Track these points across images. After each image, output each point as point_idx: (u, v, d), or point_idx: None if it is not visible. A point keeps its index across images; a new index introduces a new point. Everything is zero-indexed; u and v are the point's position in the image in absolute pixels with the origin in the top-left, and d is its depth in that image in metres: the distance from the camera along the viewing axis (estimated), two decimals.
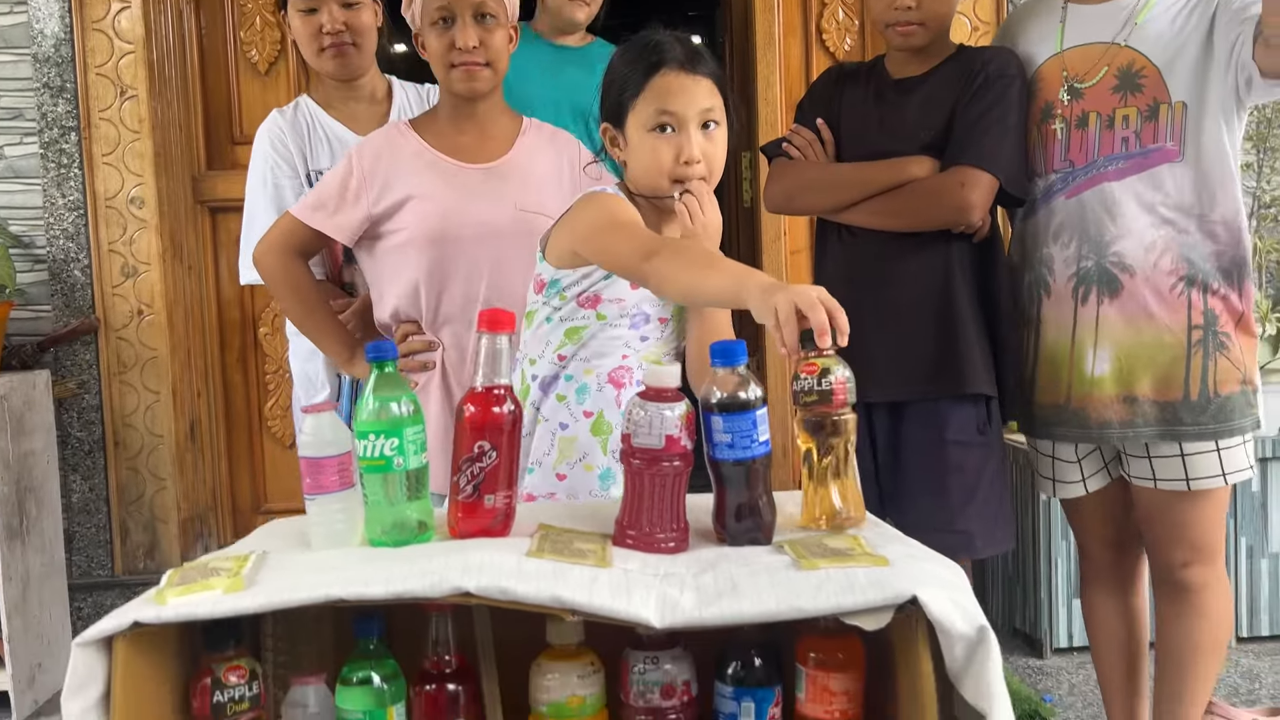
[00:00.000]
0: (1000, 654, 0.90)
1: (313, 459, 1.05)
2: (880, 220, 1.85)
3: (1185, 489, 1.75)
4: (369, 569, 0.94)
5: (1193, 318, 1.74)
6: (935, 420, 1.82)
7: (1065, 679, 2.66)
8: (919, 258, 1.83)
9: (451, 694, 1.04)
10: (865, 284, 1.85)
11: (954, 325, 1.81)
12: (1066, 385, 1.81)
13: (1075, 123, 1.77)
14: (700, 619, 0.91)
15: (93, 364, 2.97)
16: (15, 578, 2.65)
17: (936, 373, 1.81)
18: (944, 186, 1.78)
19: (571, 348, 1.52)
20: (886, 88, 1.91)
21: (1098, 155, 1.76)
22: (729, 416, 1.06)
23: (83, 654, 0.89)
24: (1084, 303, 1.78)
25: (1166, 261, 1.73)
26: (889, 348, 1.83)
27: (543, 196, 1.80)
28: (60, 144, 2.93)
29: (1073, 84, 1.77)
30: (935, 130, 1.82)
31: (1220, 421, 1.74)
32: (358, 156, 1.79)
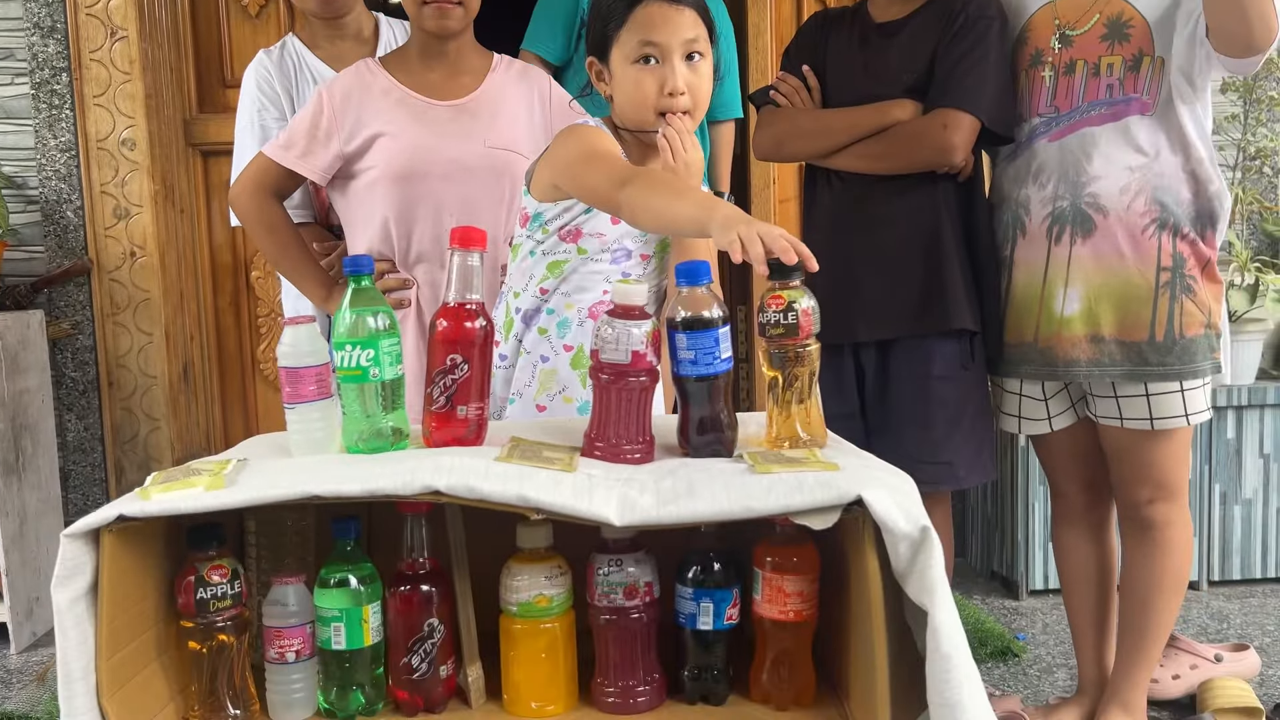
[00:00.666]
0: (942, 554, 0.95)
1: (291, 369, 1.10)
2: (866, 164, 1.87)
3: (1149, 428, 1.79)
4: (345, 470, 0.99)
5: (1161, 260, 1.77)
6: (921, 356, 1.86)
7: (1039, 619, 2.73)
8: (905, 199, 1.86)
9: (425, 594, 1.08)
10: (853, 227, 1.90)
11: (940, 264, 1.85)
12: (1035, 324, 1.85)
13: (1063, 69, 1.80)
14: (658, 518, 0.96)
15: (86, 305, 3.00)
16: (12, 513, 2.71)
17: (923, 310, 1.85)
18: (926, 129, 1.81)
19: (553, 281, 1.55)
20: (870, 32, 1.92)
21: (1081, 101, 1.79)
22: (693, 334, 1.10)
23: (71, 545, 0.94)
24: (1057, 242, 1.81)
25: (1140, 203, 1.76)
26: (877, 288, 1.87)
27: (513, 133, 1.82)
28: (51, 85, 2.93)
29: (1064, 31, 1.79)
30: (918, 73, 1.84)
31: (1184, 363, 1.78)
32: (328, 95, 1.79)
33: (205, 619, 1.05)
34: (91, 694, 0.94)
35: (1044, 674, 2.39)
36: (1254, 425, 2.82)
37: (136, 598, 1.01)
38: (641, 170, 1.42)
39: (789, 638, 1.09)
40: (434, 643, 1.09)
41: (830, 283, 1.91)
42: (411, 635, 1.08)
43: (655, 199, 1.27)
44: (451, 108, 1.81)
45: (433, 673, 1.09)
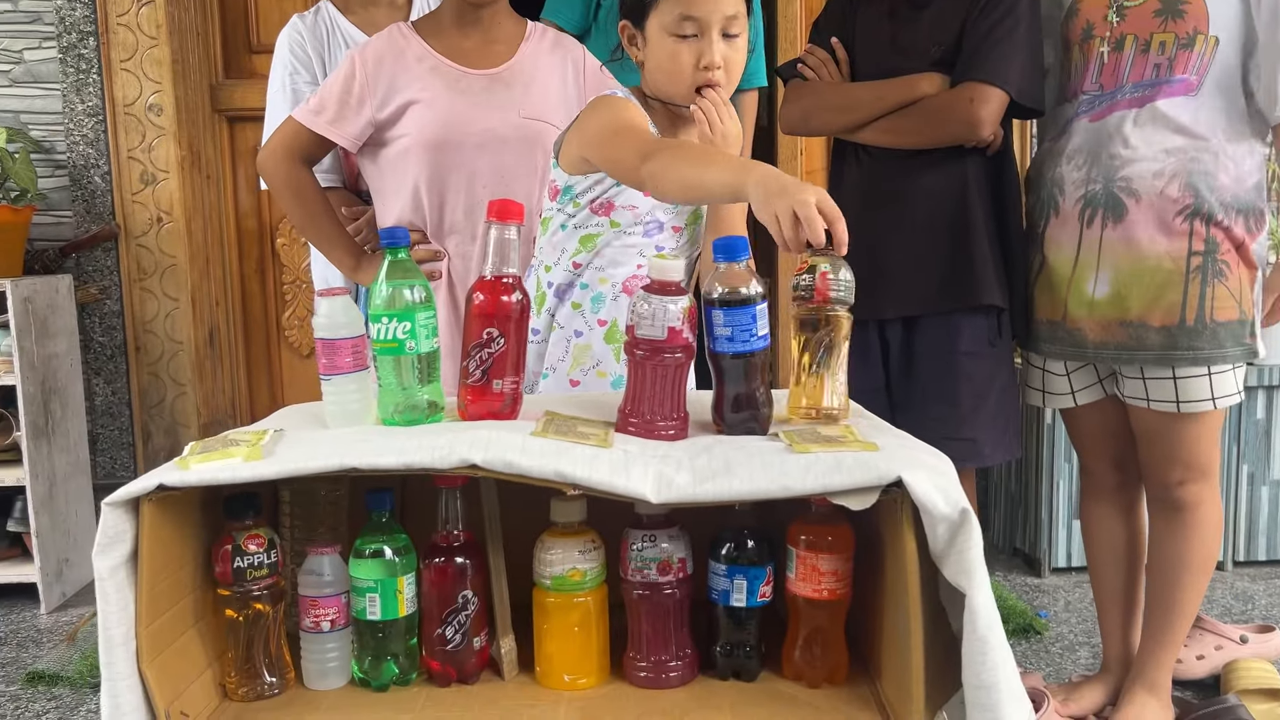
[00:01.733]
0: (981, 536, 0.94)
1: (328, 340, 1.10)
2: (893, 138, 1.86)
3: (1176, 411, 1.78)
4: (382, 442, 0.99)
5: (1193, 244, 1.74)
6: (948, 332, 1.85)
7: (1061, 596, 2.72)
8: (933, 174, 1.84)
9: (459, 566, 1.09)
10: (881, 202, 1.88)
11: (968, 239, 1.83)
12: (1064, 304, 1.84)
13: (1112, 45, 1.75)
14: (694, 496, 0.96)
15: (113, 270, 3.02)
16: (42, 475, 2.74)
17: (949, 286, 1.84)
18: (953, 102, 1.79)
19: (586, 255, 1.54)
20: (900, 4, 1.90)
21: (1126, 80, 1.74)
22: (729, 311, 1.09)
23: (112, 514, 0.94)
24: (1089, 225, 1.79)
25: (1174, 189, 1.73)
26: (904, 264, 1.86)
27: (546, 104, 1.80)
28: (79, 49, 2.93)
29: (1122, 3, 1.74)
30: (946, 46, 1.82)
31: (1214, 347, 1.75)
32: (360, 60, 1.77)
33: (242, 587, 1.06)
34: (132, 660, 0.95)
35: (1066, 652, 2.39)
36: None
37: (174, 566, 1.02)
38: (668, 141, 1.41)
39: (822, 616, 1.09)
40: (468, 614, 1.09)
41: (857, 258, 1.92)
42: (445, 607, 1.09)
43: (684, 168, 1.26)
44: (486, 76, 1.79)
45: (466, 644, 1.10)
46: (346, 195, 2.06)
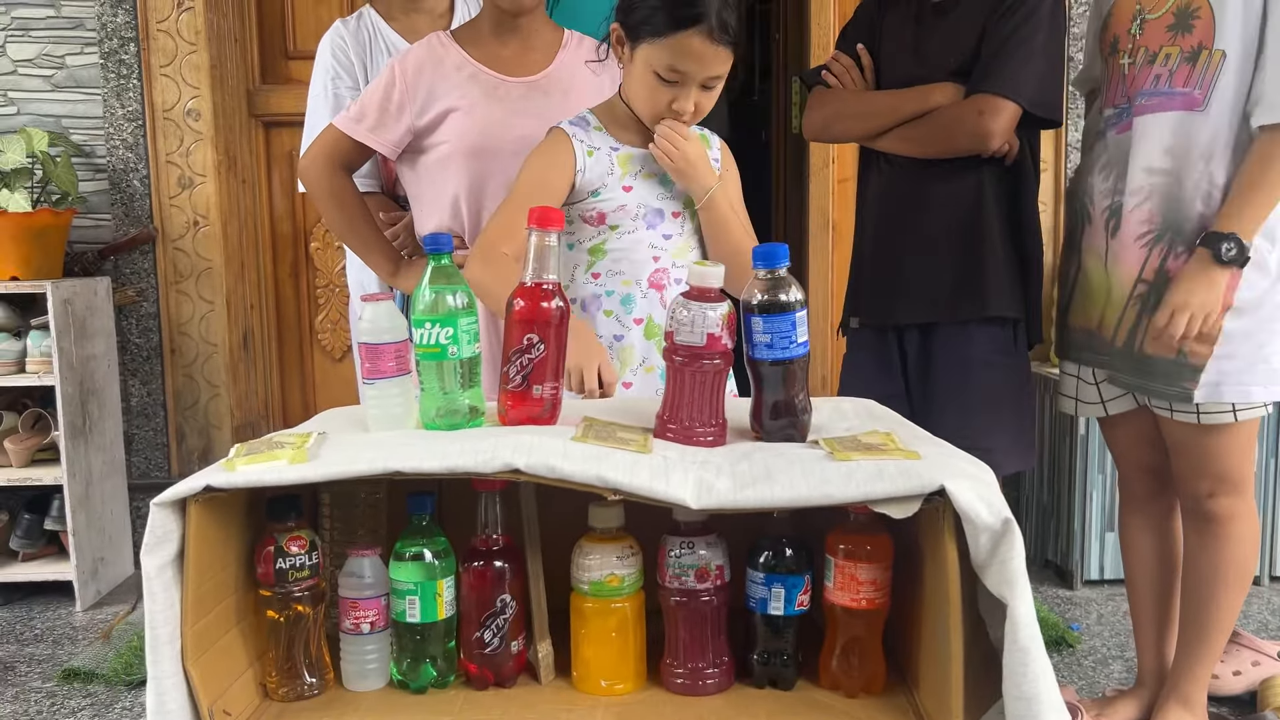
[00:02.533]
0: (1023, 547, 0.94)
1: (371, 345, 1.11)
2: (908, 147, 1.88)
3: (1196, 421, 1.76)
4: (425, 446, 0.99)
5: (1144, 272, 1.73)
6: (962, 340, 1.87)
7: (1094, 609, 2.70)
8: (950, 184, 1.86)
9: (498, 570, 1.09)
10: (900, 209, 1.90)
11: (982, 250, 1.85)
12: (1100, 313, 1.83)
13: (1132, 58, 1.76)
14: (735, 502, 0.96)
15: (150, 273, 3.06)
16: (79, 474, 2.78)
17: (964, 296, 1.86)
18: (963, 114, 1.80)
19: (602, 264, 1.59)
20: (925, 11, 1.91)
21: (1132, 89, 1.75)
22: (769, 318, 1.10)
23: (160, 514, 0.96)
24: (1113, 236, 1.79)
25: (1142, 212, 1.72)
26: (918, 272, 1.88)
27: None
28: (119, 54, 2.98)
29: (1144, 16, 1.74)
30: (964, 55, 1.83)
31: (1139, 377, 1.75)
32: (400, 68, 1.78)
33: (283, 589, 1.07)
34: (177, 658, 0.96)
35: (1099, 665, 2.37)
36: None
37: (218, 566, 1.03)
38: (498, 257, 1.52)
39: (860, 625, 1.08)
40: (506, 618, 1.10)
41: (876, 264, 1.94)
42: (484, 610, 1.09)
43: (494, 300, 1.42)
44: (523, 84, 1.80)
45: (504, 648, 1.10)
46: (384, 200, 2.08)
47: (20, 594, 2.87)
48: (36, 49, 2.98)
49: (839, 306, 2.27)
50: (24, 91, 3.00)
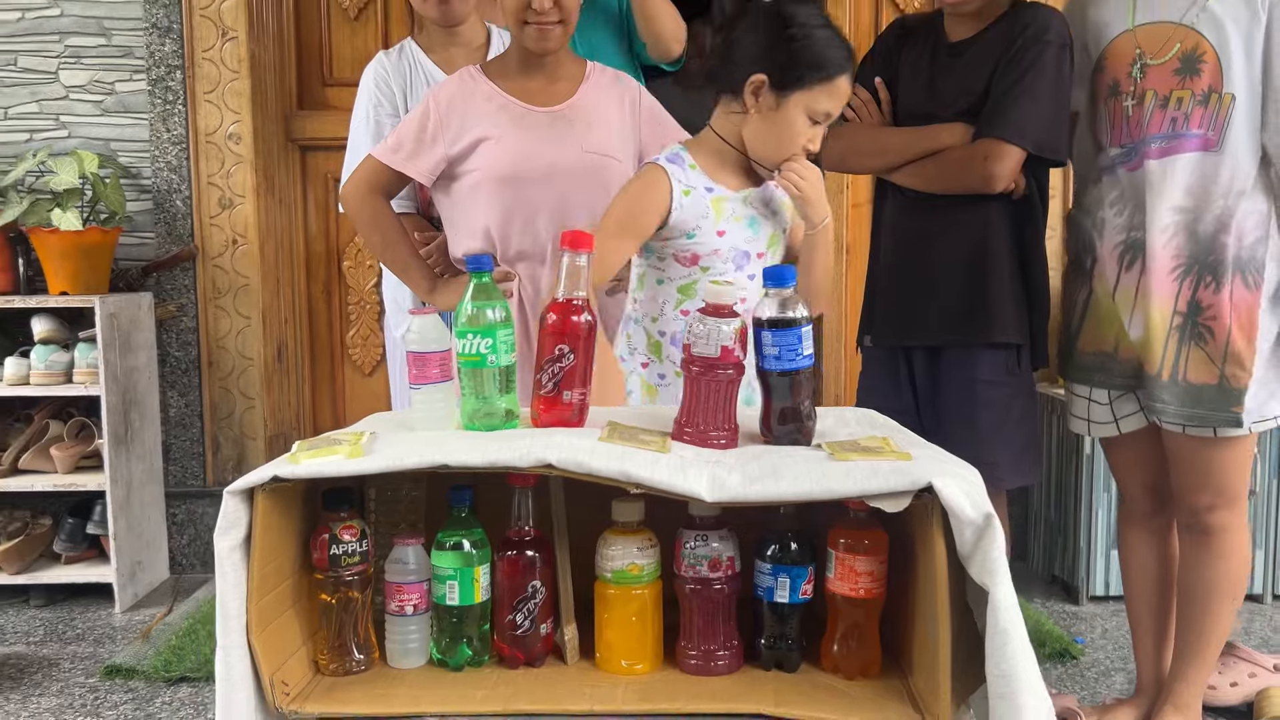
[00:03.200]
0: (1003, 539, 1.04)
1: (419, 353, 1.23)
2: (920, 183, 1.96)
3: (1212, 435, 1.84)
4: (468, 443, 1.11)
5: (1178, 304, 1.82)
6: (968, 363, 1.94)
7: (1099, 624, 2.77)
8: (957, 214, 1.93)
9: (529, 559, 1.20)
10: (911, 238, 1.99)
11: (988, 278, 1.92)
12: (1115, 338, 1.91)
13: (1136, 100, 1.84)
14: (745, 495, 1.07)
15: (191, 289, 3.19)
16: (120, 480, 2.91)
17: (970, 321, 1.93)
18: (970, 158, 1.87)
19: (691, 302, 1.68)
20: (940, 49, 1.98)
21: (1147, 133, 1.82)
22: (777, 332, 1.21)
23: (231, 501, 1.07)
24: (1127, 269, 1.88)
25: (1173, 247, 1.81)
26: (928, 297, 1.97)
27: (608, 139, 1.92)
28: (166, 81, 3.13)
29: (1145, 61, 1.83)
30: (974, 95, 1.90)
31: (1188, 406, 1.83)
32: (434, 100, 1.89)
33: (336, 573, 1.18)
34: (243, 631, 1.07)
35: (1101, 677, 2.44)
36: None
37: (279, 550, 1.14)
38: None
39: (858, 613, 1.18)
40: (536, 603, 1.20)
41: (888, 288, 2.04)
42: (516, 595, 1.20)
43: None
44: (550, 114, 1.91)
45: (533, 630, 1.21)
46: (419, 221, 2.19)
47: (62, 595, 3.00)
48: (88, 75, 3.14)
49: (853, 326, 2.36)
50: (75, 116, 3.15)
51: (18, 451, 2.95)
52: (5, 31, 3.12)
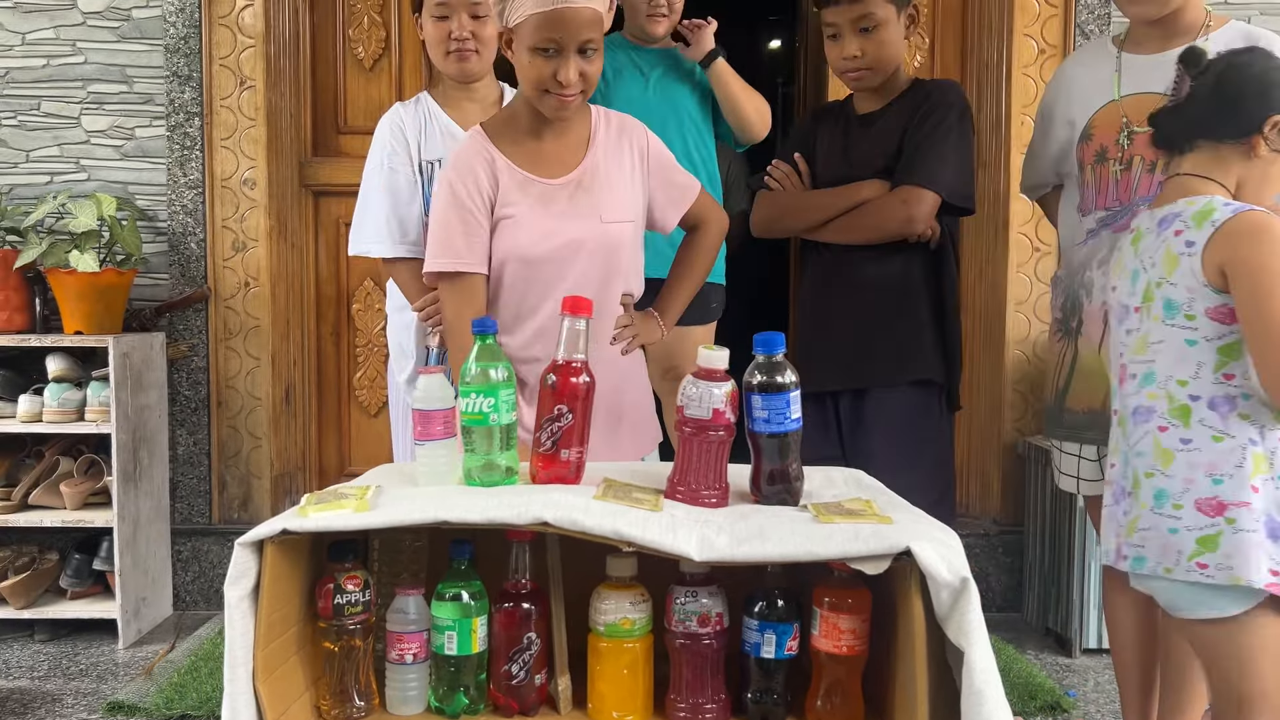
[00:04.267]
0: (979, 601, 1.08)
1: (425, 411, 1.28)
2: (843, 236, 2.12)
3: None
4: (468, 500, 1.16)
5: None
6: (888, 405, 2.09)
7: (1091, 677, 2.79)
8: (878, 265, 2.10)
9: (526, 611, 1.25)
10: (834, 290, 2.16)
11: (907, 321, 2.08)
12: (1104, 394, 1.94)
13: (1124, 165, 1.93)
14: (733, 556, 1.12)
15: (202, 329, 3.26)
16: (128, 518, 2.95)
17: (893, 361, 2.09)
18: (889, 204, 2.06)
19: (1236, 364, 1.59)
20: (851, 123, 2.19)
21: (1135, 195, 1.91)
22: (767, 396, 1.26)
23: (242, 552, 1.12)
24: None
25: None
26: (850, 343, 2.11)
27: (624, 202, 1.86)
28: (185, 128, 3.22)
29: (1131, 129, 1.92)
30: (889, 157, 2.09)
31: None
32: (461, 189, 1.77)
33: (340, 622, 1.23)
34: (249, 678, 1.12)
35: None
36: None
37: (285, 599, 1.19)
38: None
39: (842, 669, 1.23)
40: (531, 654, 1.25)
41: (813, 339, 2.19)
42: (512, 646, 1.25)
43: None
44: (568, 185, 1.82)
45: (528, 680, 1.26)
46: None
47: (67, 630, 3.04)
48: (109, 121, 3.23)
49: None
50: (95, 160, 3.24)
51: (28, 487, 3.00)
52: (30, 77, 3.22)
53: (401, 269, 2.22)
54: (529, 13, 1.66)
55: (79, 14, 3.21)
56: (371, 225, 2.23)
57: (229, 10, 3.19)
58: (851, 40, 2.08)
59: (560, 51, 1.68)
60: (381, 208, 2.21)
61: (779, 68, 6.16)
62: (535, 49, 1.68)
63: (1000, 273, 3.22)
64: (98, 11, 3.21)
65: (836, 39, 2.11)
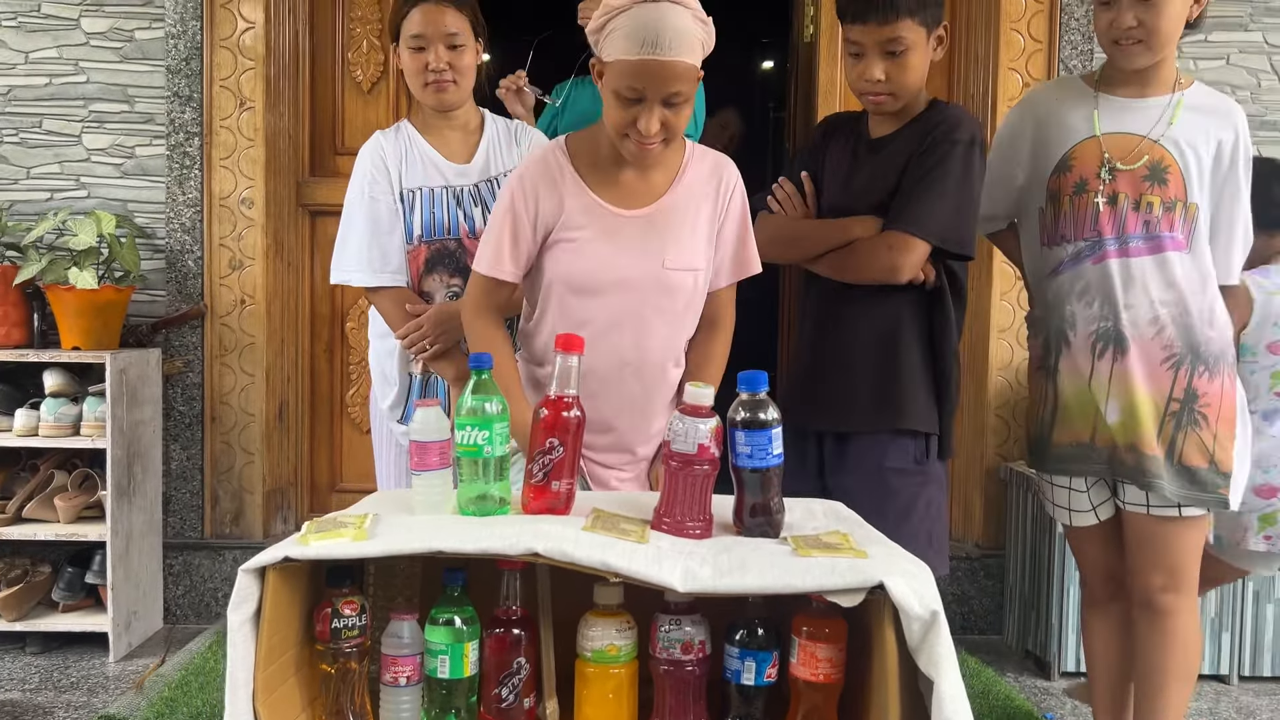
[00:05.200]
0: (949, 633, 1.14)
1: (421, 442, 1.33)
2: (832, 273, 2.02)
3: (1177, 514, 1.96)
4: (462, 530, 1.21)
5: (1174, 391, 1.95)
6: (876, 450, 1.98)
7: (1069, 700, 2.85)
8: (871, 304, 1.99)
9: (516, 637, 1.30)
10: (826, 324, 2.06)
11: (899, 367, 1.97)
12: (1092, 427, 2.01)
13: (1106, 199, 1.98)
14: (715, 588, 1.17)
15: (198, 346, 3.30)
16: (121, 532, 2.99)
17: (878, 410, 1.98)
18: (875, 249, 1.94)
19: None
20: (861, 145, 2.06)
21: (1124, 231, 1.97)
22: (750, 433, 1.32)
23: (245, 578, 1.17)
24: (1100, 357, 1.99)
25: (1164, 337, 1.95)
26: (839, 384, 2.01)
27: (693, 249, 1.78)
28: (184, 147, 3.27)
29: (1114, 165, 1.98)
30: (887, 190, 1.97)
31: (1183, 487, 1.95)
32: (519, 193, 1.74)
33: (336, 645, 1.27)
34: (249, 699, 1.17)
35: None
36: None
37: (285, 623, 1.24)
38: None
39: (819, 696, 1.28)
40: (520, 678, 1.30)
41: (802, 373, 2.11)
42: (502, 670, 1.29)
43: None
44: (639, 219, 1.75)
45: (517, 703, 1.30)
46: (409, 294, 2.24)
47: (57, 643, 3.06)
48: (110, 140, 3.28)
49: None
50: (95, 177, 3.29)
51: (22, 500, 3.03)
52: (32, 95, 3.27)
53: (383, 298, 2.24)
54: (618, 57, 1.61)
55: (82, 34, 3.26)
56: (353, 254, 2.23)
57: (230, 33, 3.25)
58: (876, 63, 1.92)
59: (644, 100, 1.63)
60: (363, 237, 2.22)
61: (771, 90, 6.24)
62: (619, 94, 1.64)
63: (984, 301, 3.28)
64: (101, 32, 3.26)
65: (859, 58, 1.95)
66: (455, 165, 2.27)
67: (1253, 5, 3.29)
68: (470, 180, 2.27)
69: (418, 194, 2.24)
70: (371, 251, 2.21)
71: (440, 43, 2.18)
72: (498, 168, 2.29)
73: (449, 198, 2.25)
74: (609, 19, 1.62)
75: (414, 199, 2.24)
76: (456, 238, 2.24)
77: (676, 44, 1.59)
